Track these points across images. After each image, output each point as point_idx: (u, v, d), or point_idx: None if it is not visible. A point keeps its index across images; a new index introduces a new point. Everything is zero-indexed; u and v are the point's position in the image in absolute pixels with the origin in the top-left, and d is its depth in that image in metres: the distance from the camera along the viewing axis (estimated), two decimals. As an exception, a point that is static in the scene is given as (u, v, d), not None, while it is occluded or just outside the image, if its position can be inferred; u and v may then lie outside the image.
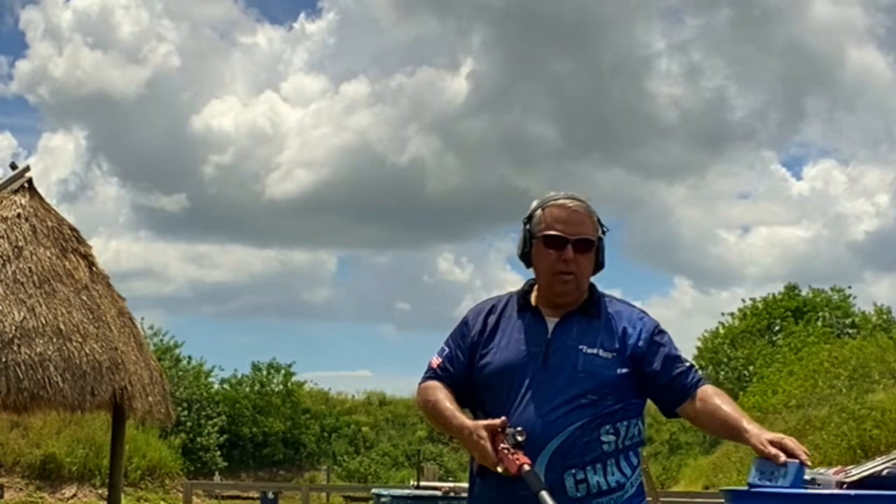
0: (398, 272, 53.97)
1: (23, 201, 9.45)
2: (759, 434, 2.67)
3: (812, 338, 27.78)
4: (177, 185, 55.34)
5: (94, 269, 9.64)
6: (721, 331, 33.32)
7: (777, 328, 32.59)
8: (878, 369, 18.79)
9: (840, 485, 2.55)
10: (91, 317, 9.13)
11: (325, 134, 50.13)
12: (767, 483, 2.51)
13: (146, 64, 48.65)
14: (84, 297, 9.21)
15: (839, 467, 2.63)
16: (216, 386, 33.97)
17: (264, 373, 34.84)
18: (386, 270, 54.43)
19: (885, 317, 31.64)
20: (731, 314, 33.65)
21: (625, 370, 2.82)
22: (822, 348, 22.95)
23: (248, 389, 34.41)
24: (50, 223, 9.51)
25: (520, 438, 2.67)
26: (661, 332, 2.91)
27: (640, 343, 2.85)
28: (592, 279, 2.94)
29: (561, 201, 2.90)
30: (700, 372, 2.90)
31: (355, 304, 54.04)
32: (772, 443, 2.62)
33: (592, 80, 48.29)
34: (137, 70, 49.18)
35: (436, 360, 2.98)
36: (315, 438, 34.79)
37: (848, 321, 32.10)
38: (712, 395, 2.82)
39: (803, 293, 33.40)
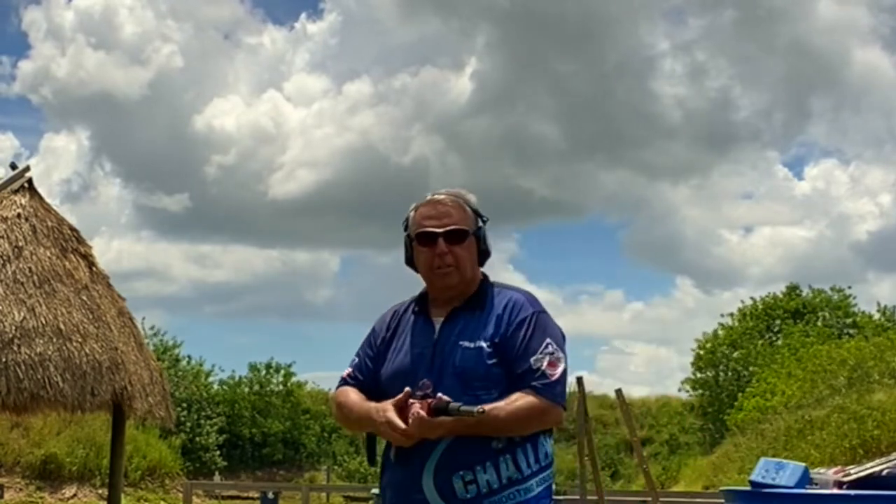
0: (400, 273, 53.56)
1: (23, 201, 9.44)
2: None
3: (811, 338, 27.74)
4: (179, 185, 55.46)
5: (94, 269, 9.63)
6: (720, 332, 33.20)
7: (777, 329, 32.52)
8: (877, 369, 18.78)
9: (840, 485, 2.55)
10: (91, 317, 9.12)
11: (328, 134, 50.22)
12: (770, 482, 2.52)
13: (149, 64, 48.75)
14: (84, 297, 9.21)
15: (839, 467, 2.63)
16: (216, 387, 33.98)
17: (262, 373, 34.85)
18: (388, 271, 54.38)
19: (888, 314, 31.63)
20: (731, 314, 33.60)
21: (496, 360, 2.77)
22: (822, 349, 22.93)
23: (247, 390, 34.40)
24: (50, 223, 9.51)
25: (428, 391, 2.70)
26: (536, 321, 2.81)
27: (508, 331, 2.79)
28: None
29: (428, 198, 2.91)
30: (544, 379, 2.73)
31: (357, 304, 54.00)
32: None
33: (596, 81, 48.35)
34: (140, 70, 49.29)
35: (346, 371, 2.99)
36: (315, 438, 34.78)
37: (848, 321, 32.04)
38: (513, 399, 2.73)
39: (804, 294, 33.33)
